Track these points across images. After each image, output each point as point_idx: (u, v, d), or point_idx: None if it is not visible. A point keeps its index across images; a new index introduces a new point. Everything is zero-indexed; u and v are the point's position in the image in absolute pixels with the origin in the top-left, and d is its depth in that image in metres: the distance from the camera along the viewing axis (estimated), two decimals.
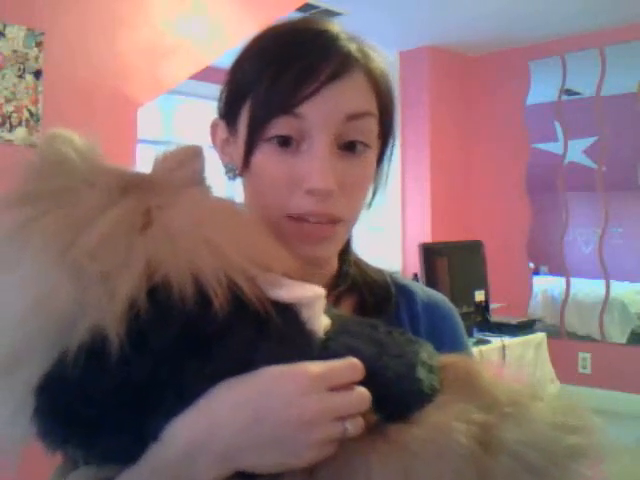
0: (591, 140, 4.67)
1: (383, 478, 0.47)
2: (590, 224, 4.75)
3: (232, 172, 0.73)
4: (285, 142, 0.66)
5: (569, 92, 4.81)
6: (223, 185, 0.70)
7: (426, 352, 0.56)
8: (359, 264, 0.80)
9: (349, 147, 0.67)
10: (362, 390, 0.51)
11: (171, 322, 0.46)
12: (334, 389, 0.50)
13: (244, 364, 0.49)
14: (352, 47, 0.68)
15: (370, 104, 0.69)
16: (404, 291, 0.80)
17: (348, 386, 0.50)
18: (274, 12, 2.91)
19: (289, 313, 0.52)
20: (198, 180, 0.58)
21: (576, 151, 4.75)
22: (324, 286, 0.57)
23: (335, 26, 0.70)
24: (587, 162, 4.71)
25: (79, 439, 0.47)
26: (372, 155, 0.71)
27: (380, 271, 0.81)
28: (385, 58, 0.73)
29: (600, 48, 4.56)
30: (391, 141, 0.76)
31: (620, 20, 4.33)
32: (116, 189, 0.50)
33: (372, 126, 0.69)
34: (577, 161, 4.76)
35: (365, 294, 0.77)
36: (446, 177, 5.03)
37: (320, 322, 0.54)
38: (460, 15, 4.25)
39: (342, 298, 0.75)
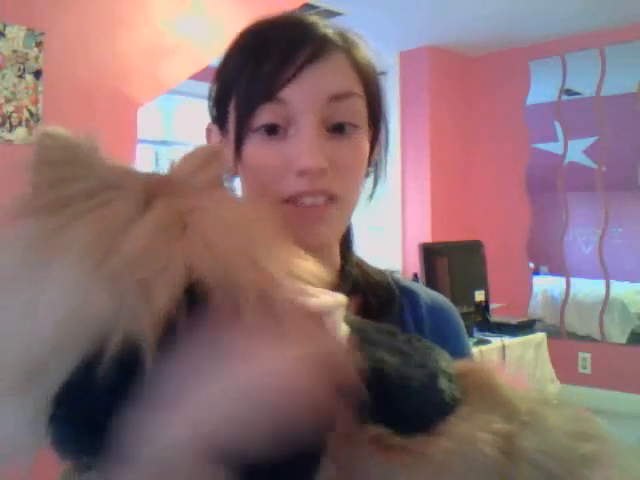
0: (591, 140, 4.67)
1: None
2: (590, 224, 4.75)
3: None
4: (272, 130, 0.67)
5: (569, 92, 4.81)
6: None
7: (444, 360, 0.56)
8: (361, 265, 0.79)
9: (338, 129, 0.68)
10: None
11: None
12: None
13: None
14: (329, 32, 0.69)
15: (354, 85, 0.69)
16: (407, 293, 0.79)
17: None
18: (274, 12, 2.90)
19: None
20: (219, 182, 0.57)
21: (576, 151, 4.75)
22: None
23: (313, 16, 0.72)
24: (587, 162, 4.71)
25: (99, 448, 0.45)
26: (363, 136, 0.71)
27: (382, 272, 0.81)
28: (369, 47, 0.73)
29: (600, 48, 4.56)
30: (383, 126, 0.76)
31: (620, 20, 4.33)
32: (142, 192, 0.48)
33: (359, 106, 0.69)
34: (577, 161, 4.76)
35: (368, 296, 0.76)
36: (446, 177, 5.03)
37: (341, 330, 0.53)
38: (460, 15, 4.25)
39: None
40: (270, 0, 3.09)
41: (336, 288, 0.74)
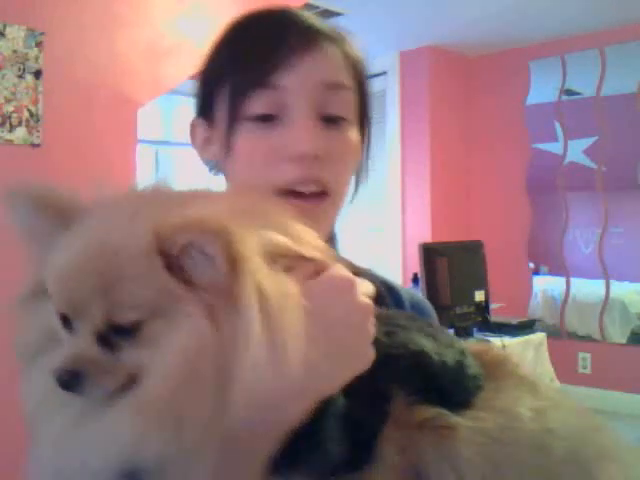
0: (591, 140, 4.67)
1: (471, 466, 0.49)
2: (590, 224, 4.75)
3: (215, 168, 0.72)
4: (266, 119, 0.66)
5: (569, 92, 4.80)
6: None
7: (457, 340, 0.59)
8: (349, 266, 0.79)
9: (329, 121, 0.67)
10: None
11: None
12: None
13: None
14: (317, 23, 0.69)
15: (346, 78, 0.68)
16: (389, 289, 0.80)
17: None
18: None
19: None
20: None
21: (576, 151, 4.74)
22: None
23: (299, 9, 0.71)
24: (587, 162, 4.71)
25: None
26: (353, 131, 0.70)
27: (369, 272, 0.80)
28: (359, 46, 0.73)
29: (600, 48, 4.56)
30: (367, 125, 0.75)
31: (620, 20, 4.33)
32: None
33: (350, 100, 0.68)
34: (577, 161, 4.76)
35: None
36: (446, 177, 5.02)
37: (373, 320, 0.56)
38: (460, 15, 4.25)
39: None
40: (270, 1, 3.10)
41: None
